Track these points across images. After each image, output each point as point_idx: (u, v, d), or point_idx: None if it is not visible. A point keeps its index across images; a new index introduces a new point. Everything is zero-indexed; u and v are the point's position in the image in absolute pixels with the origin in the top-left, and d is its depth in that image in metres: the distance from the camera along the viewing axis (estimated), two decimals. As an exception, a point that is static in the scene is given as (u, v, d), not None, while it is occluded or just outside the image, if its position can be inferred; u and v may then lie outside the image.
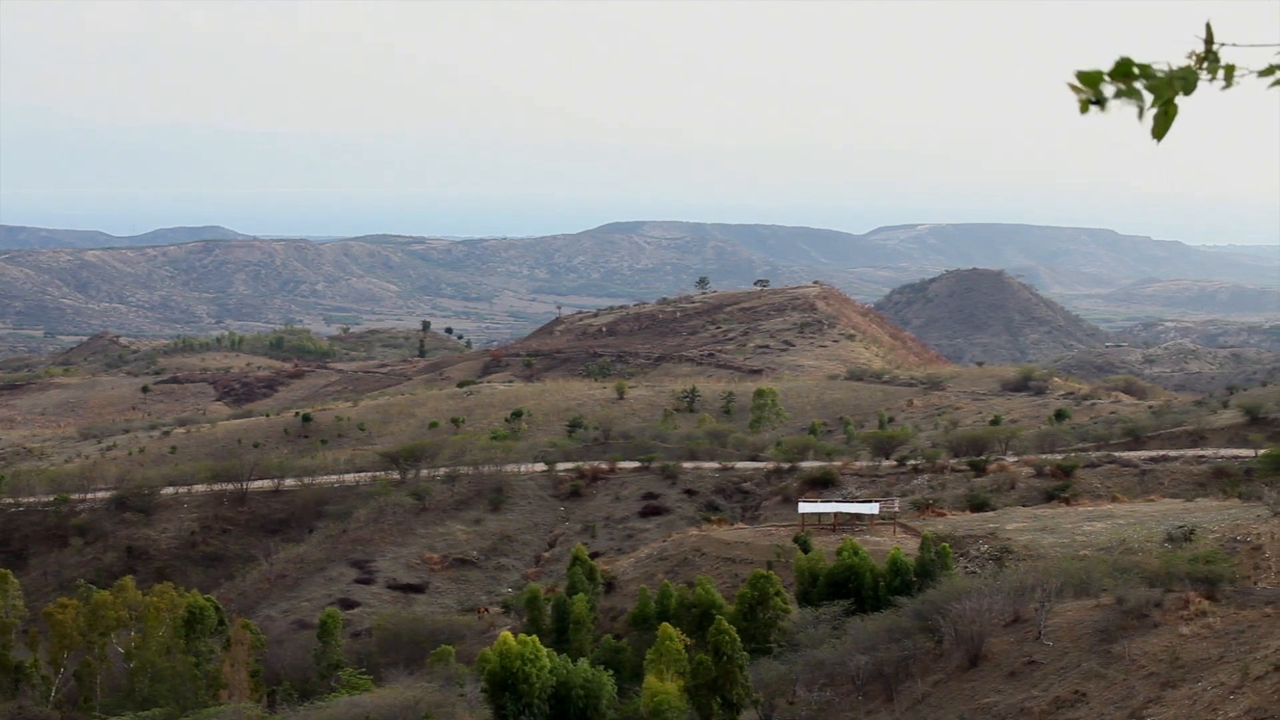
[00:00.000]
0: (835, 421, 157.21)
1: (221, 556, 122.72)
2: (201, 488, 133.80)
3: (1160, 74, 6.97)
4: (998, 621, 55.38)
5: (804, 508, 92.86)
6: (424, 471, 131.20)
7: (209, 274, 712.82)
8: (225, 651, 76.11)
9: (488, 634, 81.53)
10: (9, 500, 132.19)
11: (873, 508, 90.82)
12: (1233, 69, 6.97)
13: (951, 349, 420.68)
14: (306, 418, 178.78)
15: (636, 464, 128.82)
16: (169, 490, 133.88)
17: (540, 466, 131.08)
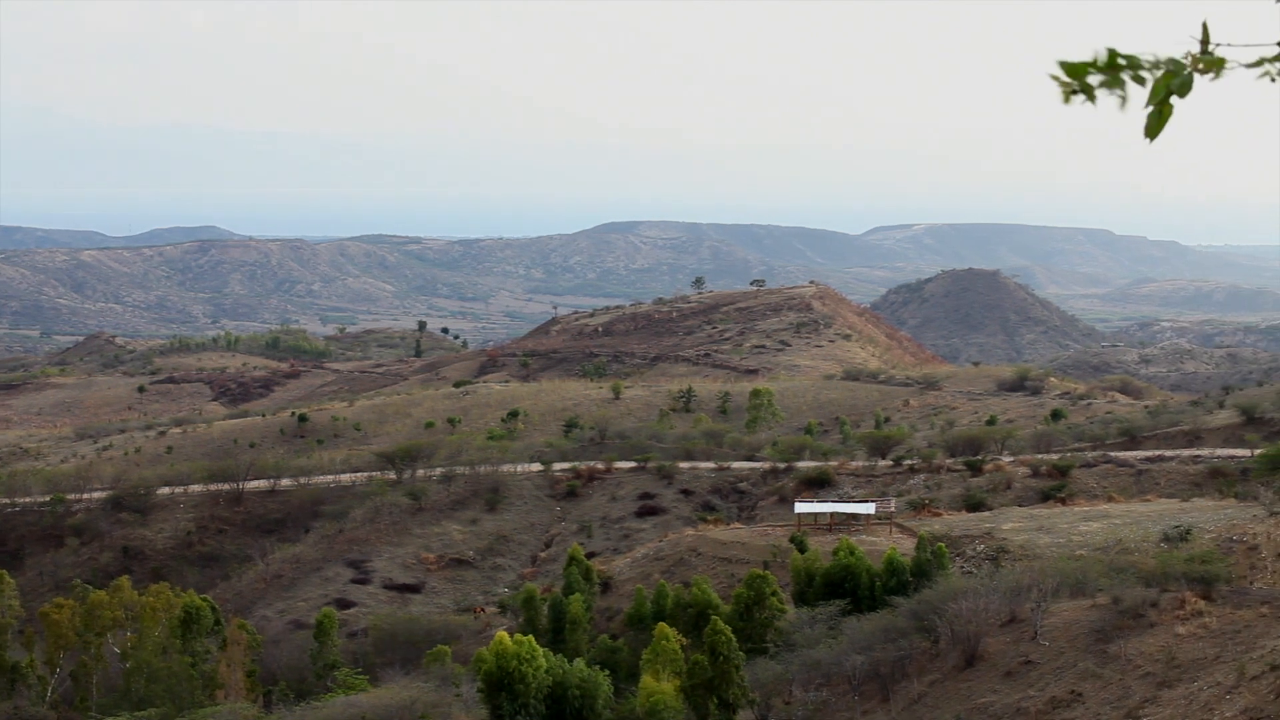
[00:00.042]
0: (831, 421, 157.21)
1: (217, 556, 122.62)
2: (197, 488, 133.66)
3: (1146, 64, 6.98)
4: (994, 621, 55.38)
5: (800, 508, 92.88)
6: (420, 471, 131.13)
7: (205, 274, 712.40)
8: (221, 651, 76.05)
9: (484, 634, 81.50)
10: (5, 500, 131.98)
11: (869, 508, 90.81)
12: (1223, 61, 7.00)
13: (947, 349, 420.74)
14: (303, 418, 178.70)
15: (633, 464, 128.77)
16: (165, 490, 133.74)
17: (536, 466, 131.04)
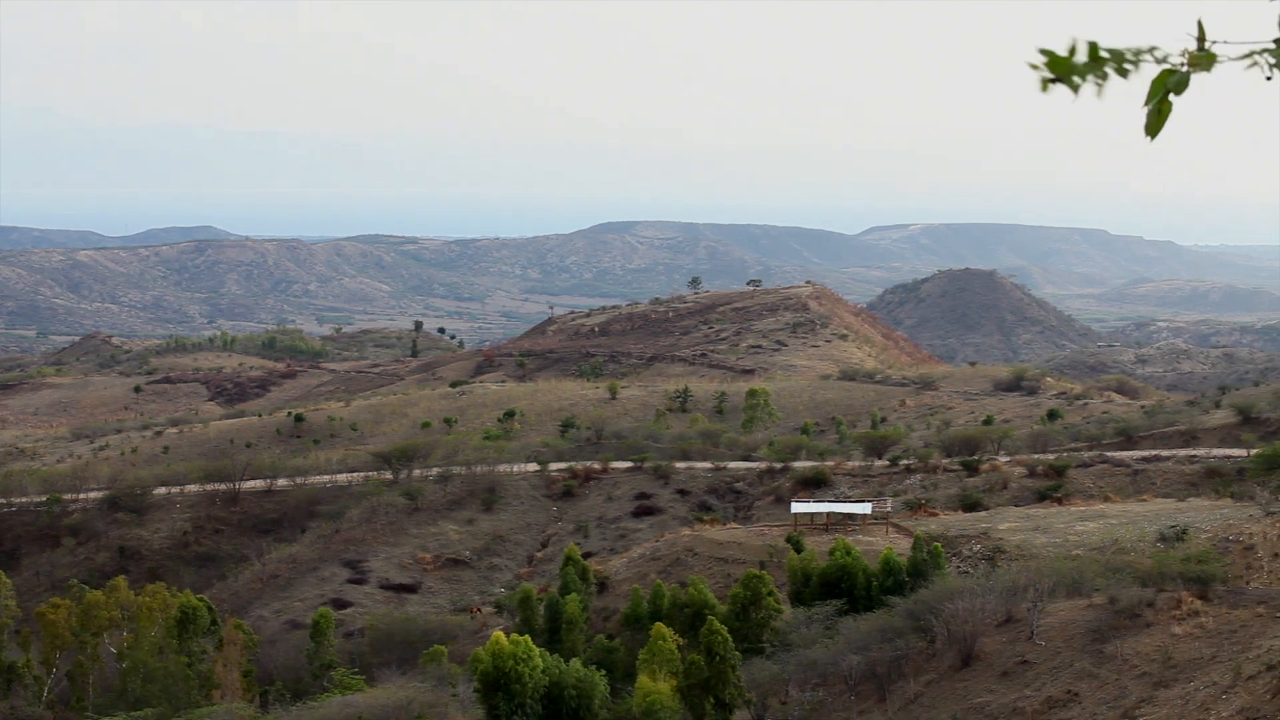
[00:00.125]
0: (828, 421, 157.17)
1: (214, 556, 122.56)
2: (194, 488, 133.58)
3: (1129, 55, 6.97)
4: (990, 621, 55.37)
5: (796, 508, 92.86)
6: (416, 471, 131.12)
7: (201, 274, 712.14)
8: (218, 652, 75.98)
9: (480, 634, 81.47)
10: (1, 501, 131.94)
11: (865, 508, 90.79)
12: (1214, 57, 6.99)
13: (944, 349, 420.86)
14: (299, 418, 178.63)
15: (629, 464, 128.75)
16: (161, 490, 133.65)
17: (533, 466, 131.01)
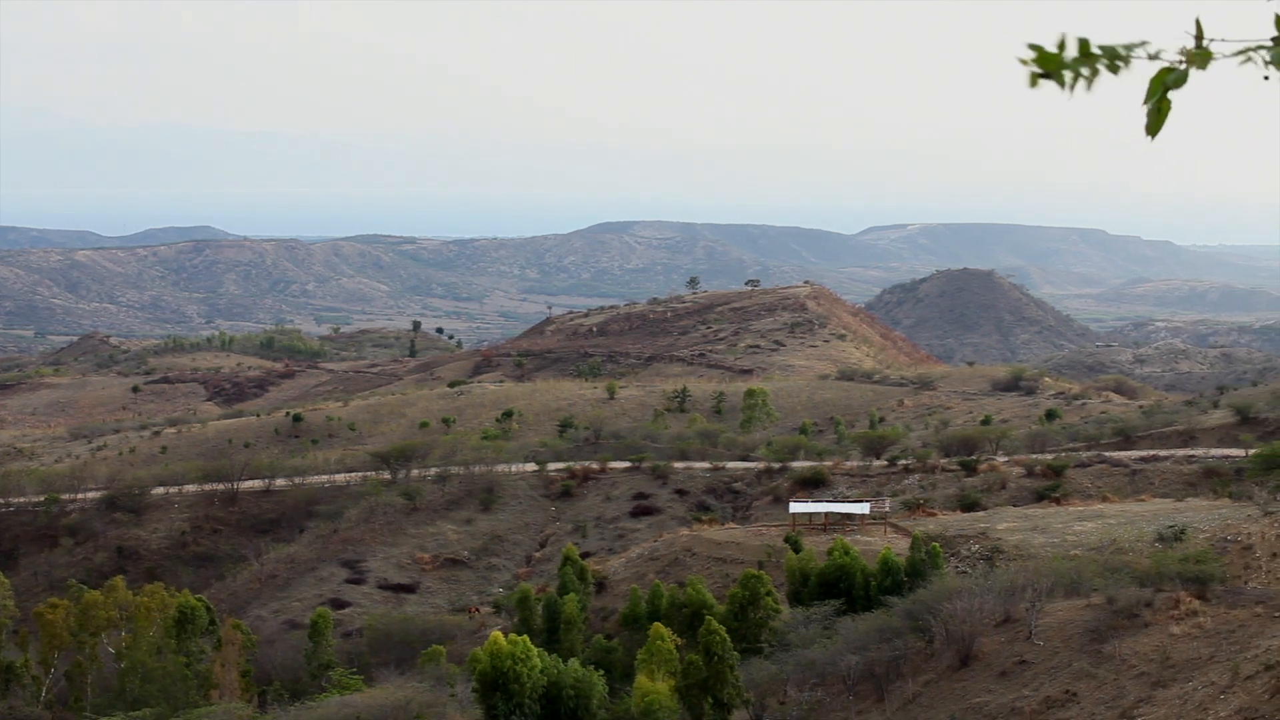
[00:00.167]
0: (826, 421, 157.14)
1: (212, 556, 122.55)
2: (192, 488, 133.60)
3: (1121, 51, 6.97)
4: (988, 621, 55.38)
5: (795, 508, 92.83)
6: (415, 471, 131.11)
7: (199, 274, 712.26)
8: (216, 652, 75.99)
9: (479, 634, 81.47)
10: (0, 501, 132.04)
11: (863, 508, 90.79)
12: (1209, 55, 6.99)
13: (942, 349, 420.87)
14: (297, 418, 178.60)
15: (627, 464, 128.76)
16: (159, 490, 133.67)
17: (531, 466, 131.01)
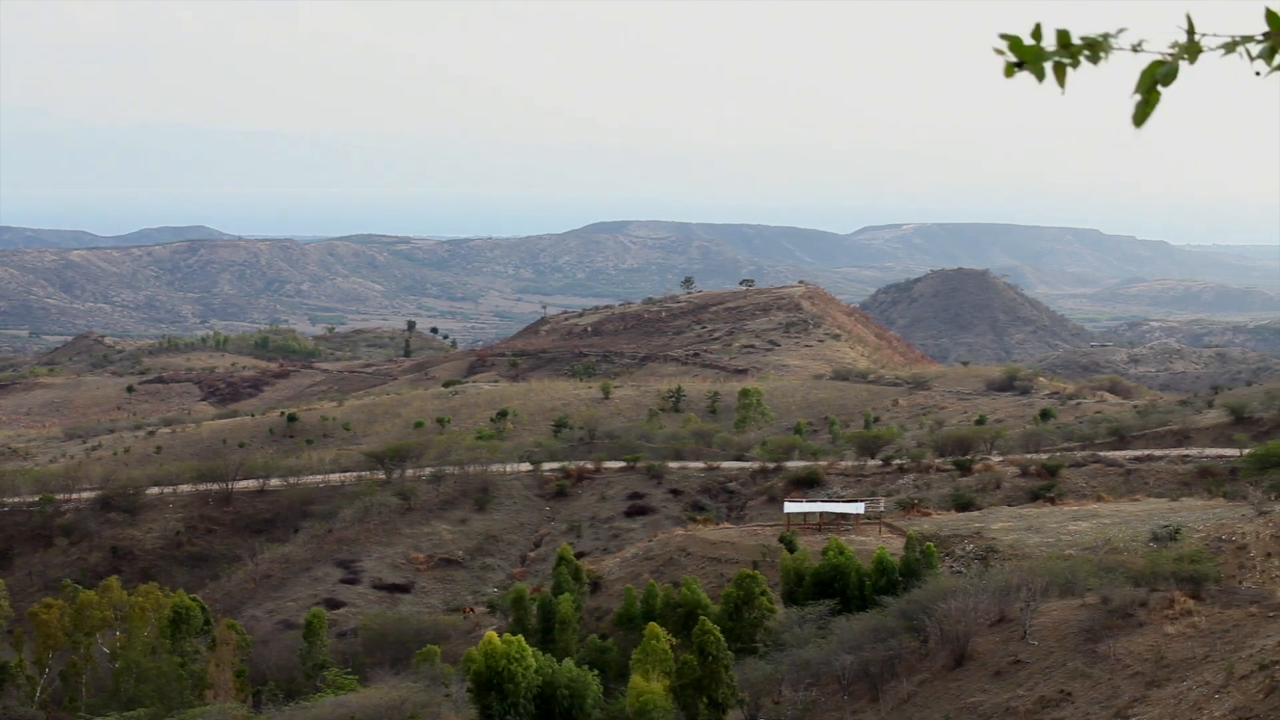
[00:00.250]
0: (821, 421, 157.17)
1: (207, 556, 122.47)
2: (186, 488, 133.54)
3: (1099, 39, 6.96)
4: (983, 621, 55.40)
5: (789, 507, 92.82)
6: (409, 471, 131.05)
7: (194, 274, 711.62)
8: (210, 651, 75.96)
9: (473, 634, 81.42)
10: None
11: (858, 507, 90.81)
12: (1199, 48, 6.96)
13: (937, 349, 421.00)
14: (292, 417, 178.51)
15: (622, 464, 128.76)
16: (154, 490, 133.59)
17: (526, 466, 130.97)
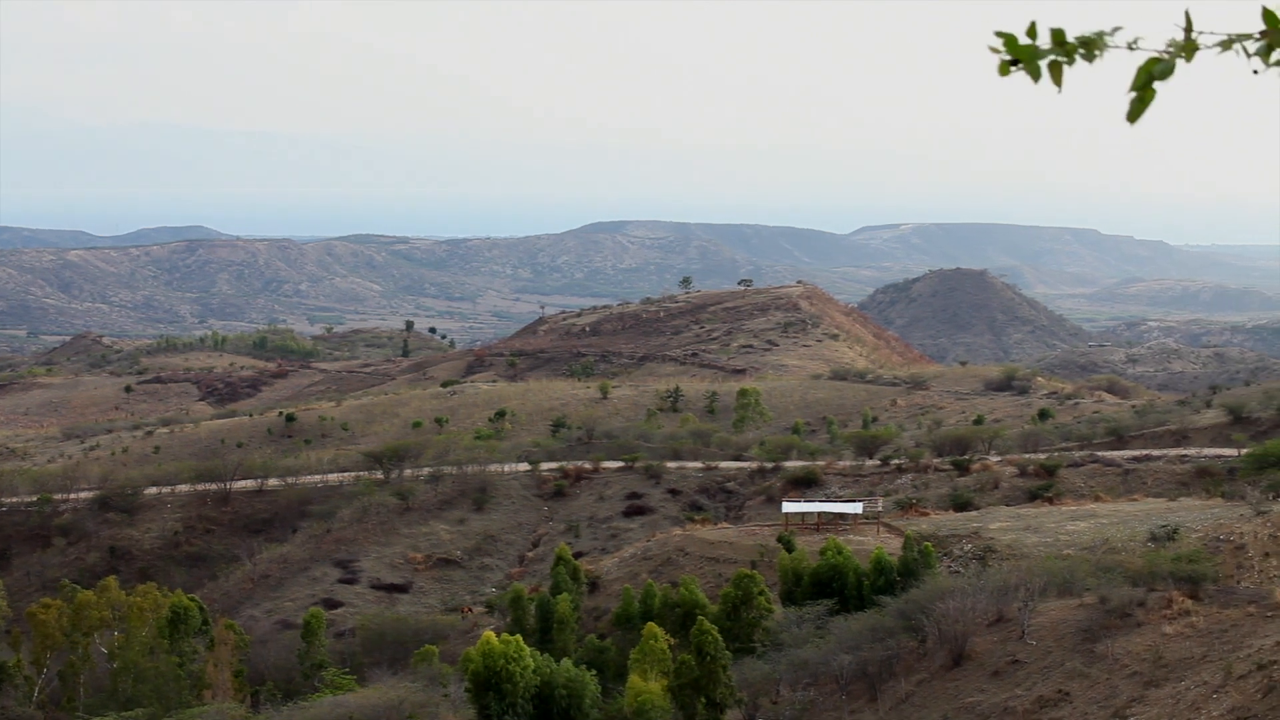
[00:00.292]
0: (819, 421, 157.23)
1: (205, 556, 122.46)
2: (185, 488, 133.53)
3: (1093, 36, 6.95)
4: (981, 621, 55.42)
5: (787, 507, 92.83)
6: (408, 471, 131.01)
7: (192, 274, 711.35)
8: (209, 652, 75.97)
9: (471, 634, 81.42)
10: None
11: (856, 507, 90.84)
12: (1196, 45, 6.95)
13: (935, 348, 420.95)
14: (290, 417, 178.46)
15: (620, 464, 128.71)
16: (152, 490, 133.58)
17: (524, 466, 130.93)
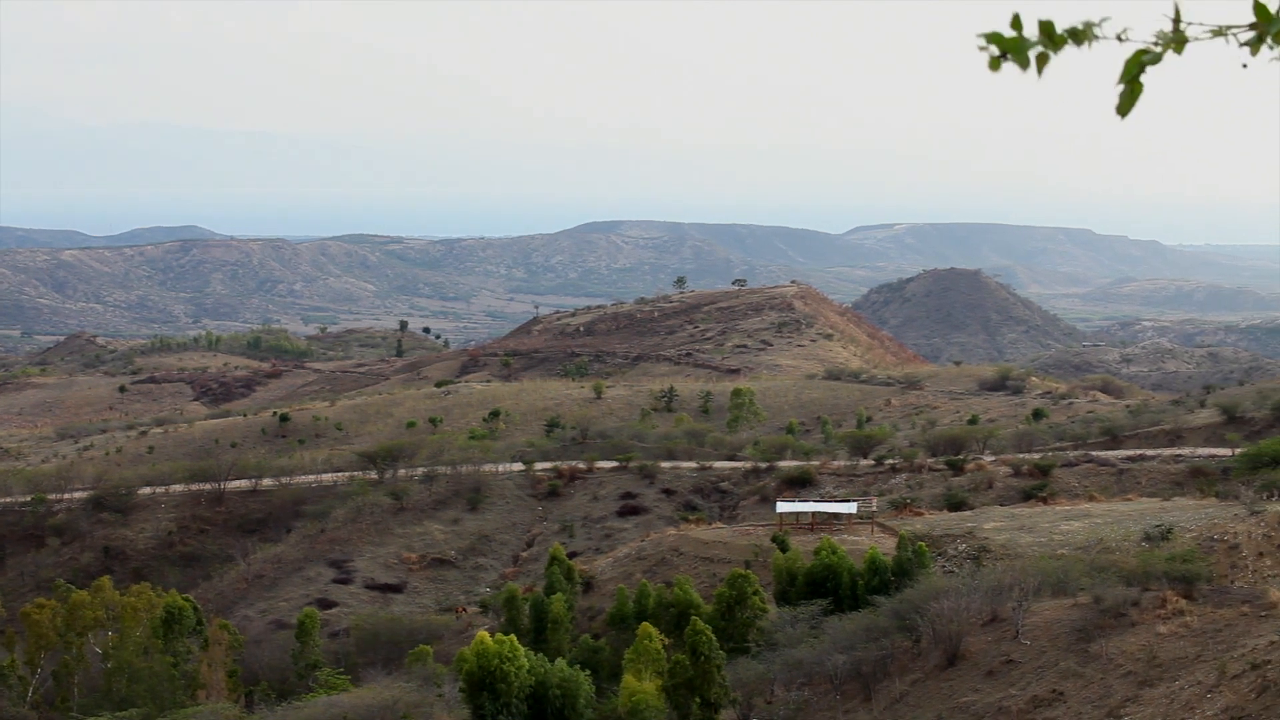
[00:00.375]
0: (813, 421, 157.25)
1: (199, 556, 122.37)
2: (179, 488, 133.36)
3: (1081, 26, 6.94)
4: (975, 621, 55.45)
5: (782, 507, 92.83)
6: (402, 471, 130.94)
7: (186, 274, 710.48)
8: (203, 652, 75.91)
9: (465, 634, 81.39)
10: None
11: (850, 507, 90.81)
12: (1185, 38, 6.94)
13: (929, 348, 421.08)
14: (284, 417, 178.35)
15: (614, 464, 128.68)
16: (146, 490, 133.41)
17: (518, 466, 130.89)
